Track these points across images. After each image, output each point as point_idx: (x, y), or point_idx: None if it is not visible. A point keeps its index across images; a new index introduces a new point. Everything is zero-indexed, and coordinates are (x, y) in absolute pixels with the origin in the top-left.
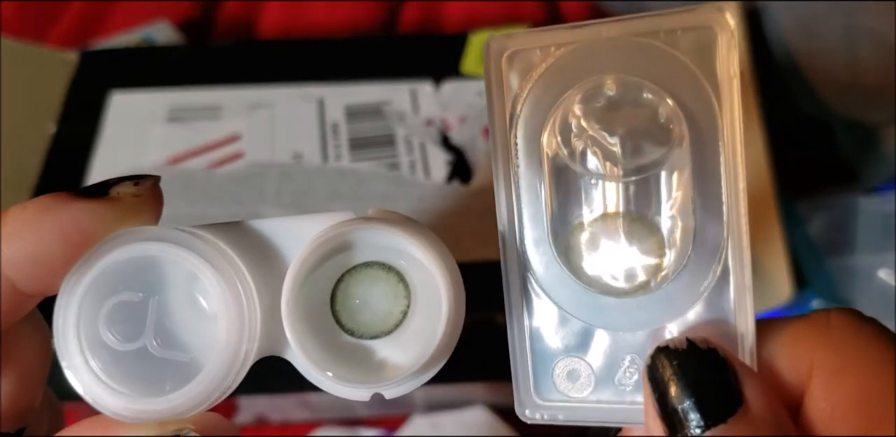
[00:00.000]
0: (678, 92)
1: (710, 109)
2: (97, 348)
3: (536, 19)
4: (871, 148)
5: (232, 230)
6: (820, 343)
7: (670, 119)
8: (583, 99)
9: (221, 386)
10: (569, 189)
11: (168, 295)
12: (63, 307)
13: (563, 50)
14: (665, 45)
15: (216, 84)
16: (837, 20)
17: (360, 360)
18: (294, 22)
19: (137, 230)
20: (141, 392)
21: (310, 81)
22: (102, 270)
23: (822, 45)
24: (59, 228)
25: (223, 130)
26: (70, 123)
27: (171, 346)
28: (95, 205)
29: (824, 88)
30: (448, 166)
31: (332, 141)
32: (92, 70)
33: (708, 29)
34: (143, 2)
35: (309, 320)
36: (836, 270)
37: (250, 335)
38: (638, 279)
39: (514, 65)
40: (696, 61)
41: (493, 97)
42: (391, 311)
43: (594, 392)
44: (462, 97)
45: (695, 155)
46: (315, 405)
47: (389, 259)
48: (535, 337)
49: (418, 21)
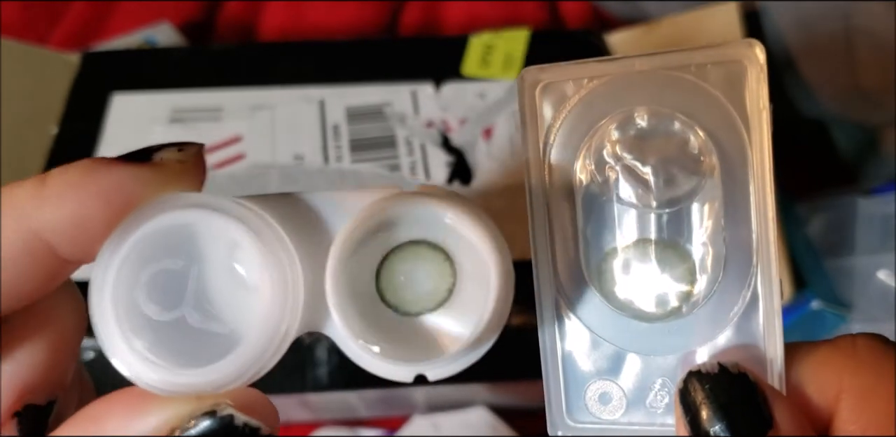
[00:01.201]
0: (709, 124)
1: (741, 140)
2: (134, 317)
3: (537, 21)
4: (870, 149)
5: (278, 201)
6: (847, 367)
7: (702, 150)
8: (616, 129)
9: (261, 360)
10: (602, 216)
11: (210, 265)
12: (101, 274)
13: (596, 82)
14: (696, 79)
15: (217, 86)
16: (837, 22)
17: (405, 337)
18: (295, 24)
19: (180, 196)
20: (177, 364)
21: (311, 83)
22: (142, 236)
23: (821, 46)
24: (101, 191)
25: (224, 132)
26: (72, 124)
27: (210, 317)
28: (139, 169)
29: (823, 90)
30: (448, 168)
31: (333, 142)
32: (94, 71)
33: (738, 63)
34: (145, 3)
35: (353, 295)
36: (835, 271)
37: (292, 308)
38: (669, 305)
39: (547, 96)
40: (727, 94)
41: (528, 127)
42: (437, 288)
43: (626, 415)
44: (462, 99)
45: (726, 185)
46: (316, 405)
47: (436, 236)
48: (567, 360)
49: (419, 23)
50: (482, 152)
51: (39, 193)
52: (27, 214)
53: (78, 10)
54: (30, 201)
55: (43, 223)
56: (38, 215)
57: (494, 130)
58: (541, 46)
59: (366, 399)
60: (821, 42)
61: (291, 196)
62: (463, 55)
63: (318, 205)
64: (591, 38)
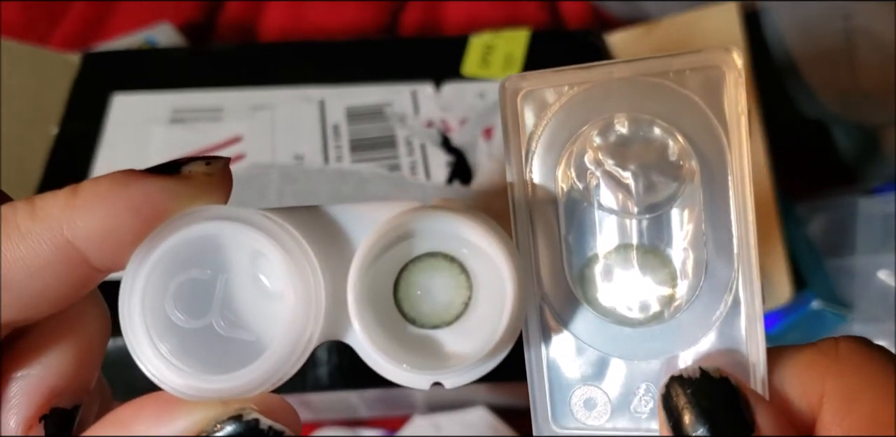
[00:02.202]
0: (688, 129)
1: (720, 145)
2: (162, 325)
3: (537, 21)
4: (870, 149)
5: (301, 213)
6: (830, 371)
7: (681, 156)
8: (596, 136)
9: (285, 366)
10: (584, 223)
11: (235, 274)
12: (130, 283)
13: (576, 89)
14: (675, 85)
15: (218, 86)
16: (836, 22)
17: (423, 348)
18: (295, 24)
19: (207, 209)
20: (204, 370)
21: (311, 83)
22: (171, 246)
23: (821, 46)
24: (131, 203)
25: (225, 132)
26: (72, 124)
27: (236, 325)
28: (168, 182)
29: (823, 90)
30: (448, 167)
31: (334, 142)
32: (94, 72)
33: (716, 68)
34: (145, 4)
35: (373, 306)
36: (835, 271)
37: (316, 317)
38: (652, 310)
39: (528, 103)
40: (705, 99)
41: (510, 134)
42: (453, 301)
43: (610, 420)
44: (462, 99)
45: (706, 190)
46: (316, 405)
47: (452, 249)
48: (552, 367)
49: (419, 23)
50: (482, 152)
51: (72, 202)
52: (60, 223)
53: (78, 10)
54: (63, 210)
55: (75, 232)
56: (71, 224)
57: (494, 130)
58: (541, 47)
59: (366, 399)
60: (821, 42)
61: (315, 208)
62: (463, 55)
63: (340, 217)
64: (591, 39)
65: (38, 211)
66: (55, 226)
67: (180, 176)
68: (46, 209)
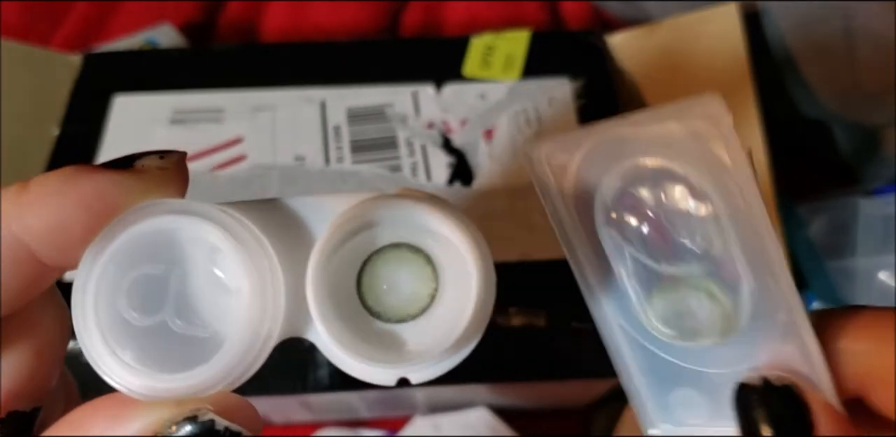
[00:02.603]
0: (701, 172)
1: (736, 183)
2: (115, 323)
3: (538, 21)
4: (871, 150)
5: (259, 207)
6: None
7: (699, 198)
8: (613, 188)
9: (242, 364)
10: (628, 269)
11: (189, 269)
12: (83, 280)
13: (590, 145)
14: (681, 129)
15: (219, 87)
16: (837, 22)
17: (386, 342)
18: (297, 25)
19: (160, 203)
20: (158, 369)
21: (312, 84)
22: (125, 242)
23: (821, 46)
24: (81, 197)
25: (225, 133)
26: (73, 125)
27: (191, 321)
28: (120, 176)
29: (824, 90)
30: (449, 169)
31: (335, 143)
32: (95, 73)
33: (710, 117)
34: (146, 4)
35: (334, 300)
36: (836, 272)
37: (274, 312)
38: (716, 330)
39: (550, 165)
40: (710, 142)
41: (545, 198)
42: (418, 294)
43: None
44: (463, 100)
45: (732, 226)
46: (317, 406)
47: (417, 239)
48: (646, 372)
49: (420, 24)
50: (483, 153)
51: (20, 198)
52: (9, 219)
53: (79, 11)
54: (12, 207)
55: (24, 229)
56: (20, 221)
57: (495, 131)
58: (541, 47)
59: (367, 400)
60: (821, 42)
61: (273, 202)
62: (464, 56)
63: (300, 210)
64: (592, 39)
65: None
66: (3, 223)
67: (133, 170)
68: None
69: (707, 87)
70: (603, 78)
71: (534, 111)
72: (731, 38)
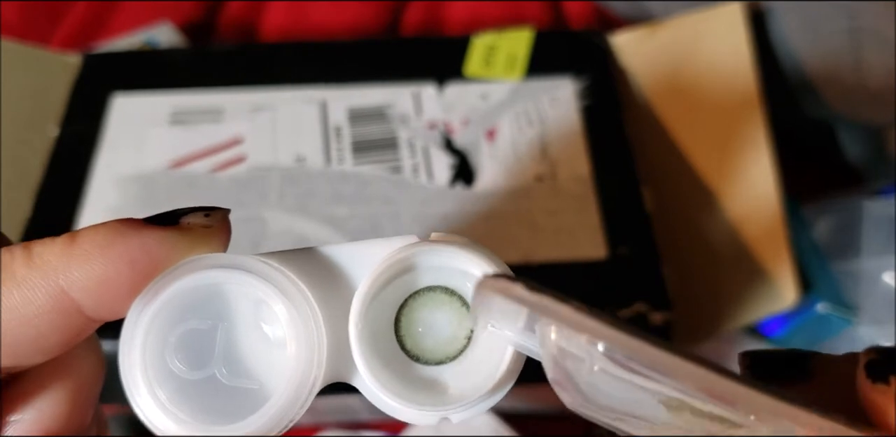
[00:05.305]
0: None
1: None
2: (163, 377)
3: (540, 21)
4: (876, 151)
5: (298, 257)
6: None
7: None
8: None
9: (290, 413)
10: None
11: (235, 323)
12: (129, 334)
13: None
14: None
15: (218, 86)
16: (842, 22)
17: (428, 386)
18: (297, 24)
19: (205, 257)
20: (208, 421)
21: (312, 84)
22: (170, 297)
23: (826, 47)
24: (128, 254)
25: (225, 133)
26: (72, 125)
27: (239, 374)
28: (166, 233)
29: (829, 91)
30: (451, 169)
31: (335, 144)
32: (94, 72)
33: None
34: (146, 4)
35: (375, 345)
36: (841, 273)
37: (319, 362)
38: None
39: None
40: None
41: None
42: (455, 335)
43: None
44: (465, 100)
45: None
46: (317, 408)
47: (452, 282)
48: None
49: (421, 23)
50: (485, 154)
51: (69, 251)
52: (56, 272)
53: (79, 10)
54: (59, 259)
55: (71, 282)
56: (67, 274)
57: (497, 131)
58: (544, 47)
59: (368, 403)
60: (826, 42)
61: (310, 250)
62: (465, 56)
63: (335, 258)
64: (595, 39)
65: (35, 258)
66: (51, 275)
67: (179, 227)
68: (43, 257)
69: (711, 86)
70: (606, 78)
71: (536, 111)
72: (735, 38)
